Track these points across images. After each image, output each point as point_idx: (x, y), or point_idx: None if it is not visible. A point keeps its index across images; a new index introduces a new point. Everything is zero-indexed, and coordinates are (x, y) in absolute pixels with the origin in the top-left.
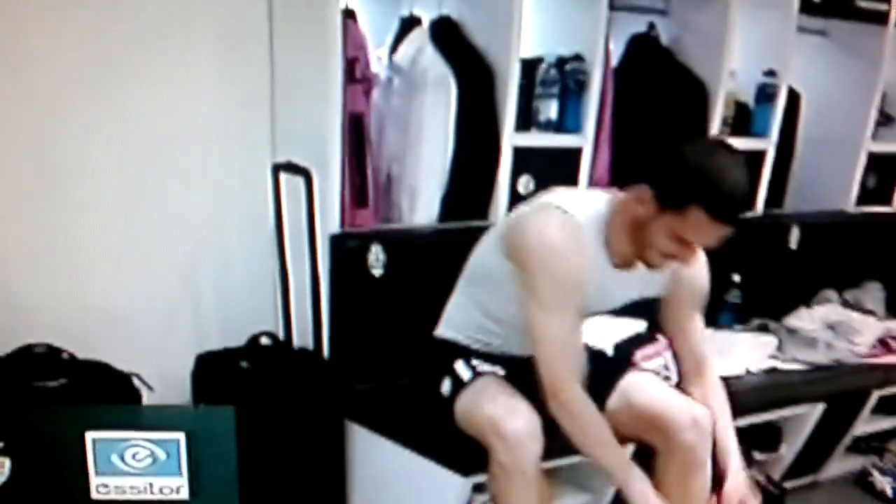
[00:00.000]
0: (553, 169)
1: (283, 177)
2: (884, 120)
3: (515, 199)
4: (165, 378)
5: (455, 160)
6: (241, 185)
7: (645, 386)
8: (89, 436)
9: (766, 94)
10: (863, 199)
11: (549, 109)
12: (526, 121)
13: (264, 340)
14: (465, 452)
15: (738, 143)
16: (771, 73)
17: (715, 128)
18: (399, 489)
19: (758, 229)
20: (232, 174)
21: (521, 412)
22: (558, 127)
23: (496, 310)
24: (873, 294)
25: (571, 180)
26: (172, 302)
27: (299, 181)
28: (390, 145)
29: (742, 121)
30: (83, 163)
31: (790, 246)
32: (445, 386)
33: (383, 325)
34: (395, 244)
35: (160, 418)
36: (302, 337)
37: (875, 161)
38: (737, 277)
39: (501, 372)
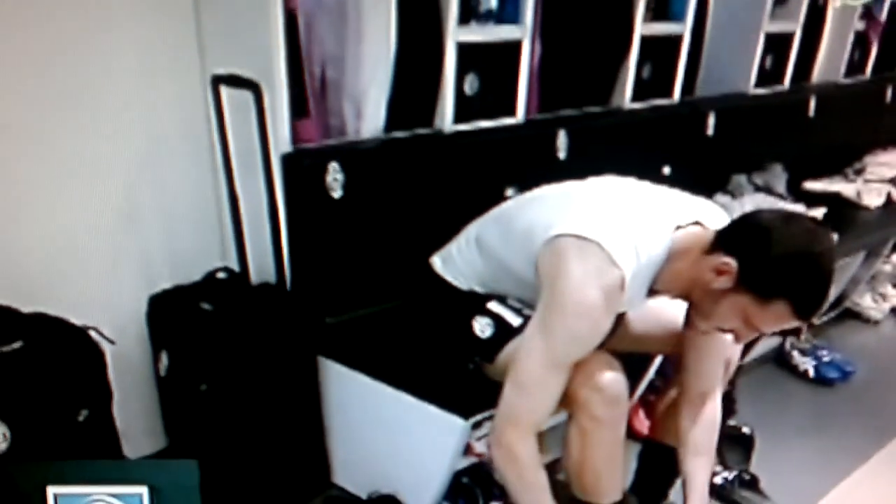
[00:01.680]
0: (495, 66)
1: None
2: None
3: (461, 101)
4: (119, 325)
5: (398, 60)
6: (174, 104)
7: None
8: (51, 490)
9: None
10: (760, 80)
11: None
12: (465, 12)
13: (221, 276)
14: (462, 392)
15: (659, 28)
16: None
17: (640, 13)
18: (387, 433)
19: (678, 118)
20: (163, 92)
21: (612, 363)
22: (499, 17)
23: (515, 290)
24: (778, 176)
25: (512, 77)
26: (114, 238)
27: (238, 95)
28: (324, 46)
29: (661, 4)
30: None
31: (707, 133)
32: (484, 329)
33: (348, 251)
34: (352, 161)
35: (122, 472)
36: (259, 270)
37: (771, 41)
38: (667, 170)
39: None
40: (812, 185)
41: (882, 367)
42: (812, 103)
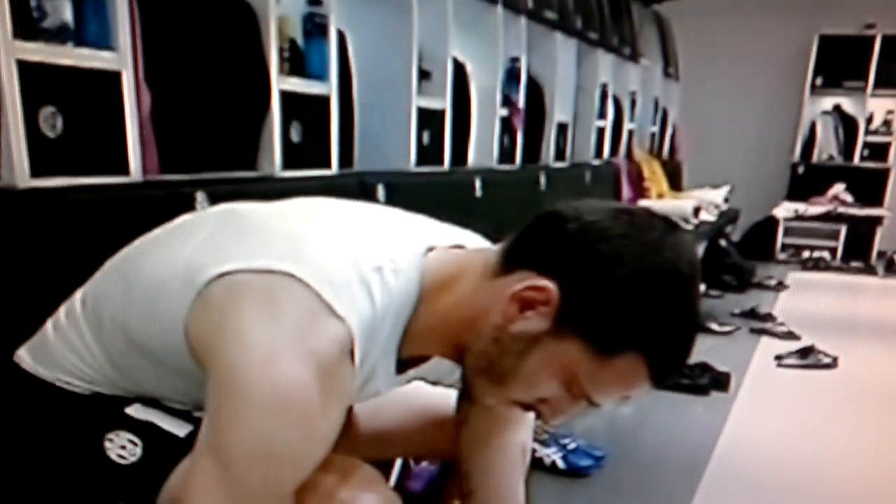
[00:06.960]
0: (85, 102)
1: None
2: (421, 74)
3: (42, 149)
4: None
5: None
6: None
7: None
8: None
9: (316, 26)
10: (420, 159)
11: (62, 9)
12: (26, 25)
13: None
14: None
15: (300, 84)
16: (316, 1)
17: (273, 62)
18: None
19: (344, 192)
20: None
21: (369, 476)
22: (79, 39)
23: (171, 390)
24: None
25: (114, 120)
26: None
27: None
28: None
29: (295, 59)
30: None
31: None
32: (126, 451)
33: None
34: None
35: None
36: None
37: (423, 117)
38: None
39: None
40: None
41: (627, 444)
42: (477, 183)
